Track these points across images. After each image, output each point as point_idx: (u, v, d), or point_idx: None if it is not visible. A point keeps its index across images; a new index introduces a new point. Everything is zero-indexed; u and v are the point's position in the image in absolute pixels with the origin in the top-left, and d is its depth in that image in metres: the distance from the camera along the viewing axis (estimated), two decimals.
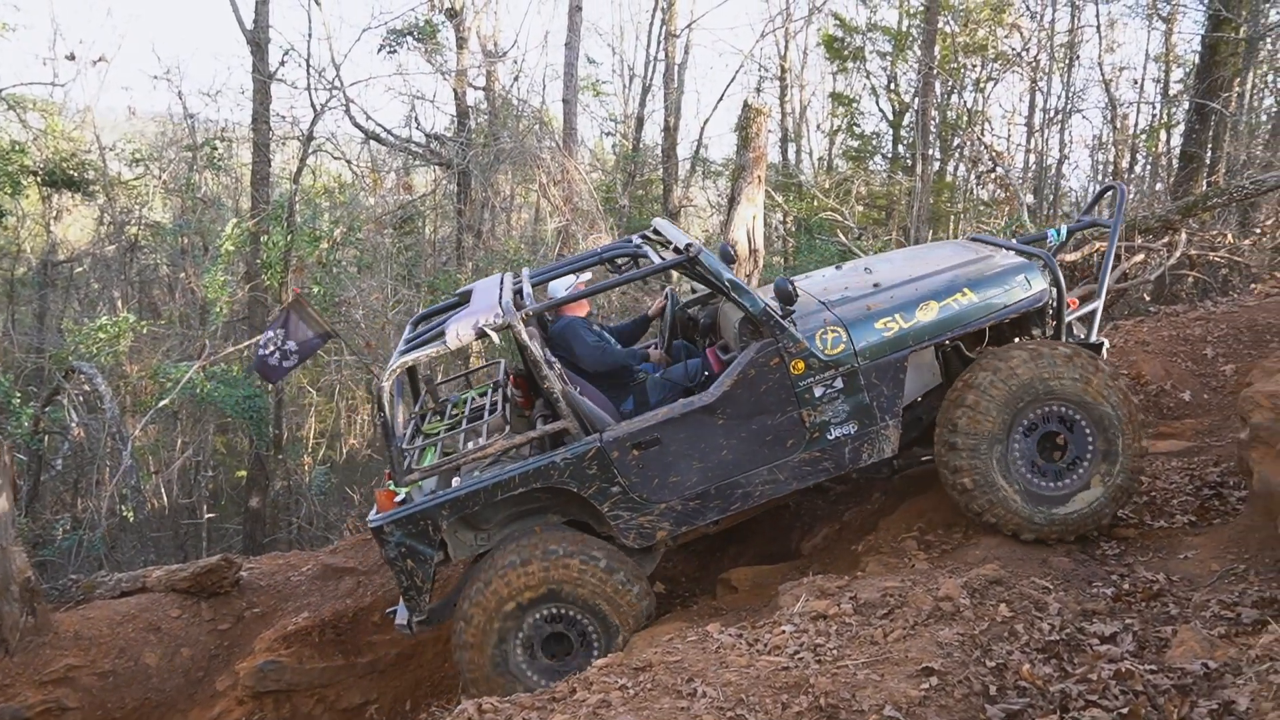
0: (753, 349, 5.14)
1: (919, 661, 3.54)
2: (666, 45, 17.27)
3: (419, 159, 16.04)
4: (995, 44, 17.73)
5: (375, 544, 5.50)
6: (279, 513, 14.41)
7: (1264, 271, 10.35)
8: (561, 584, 5.06)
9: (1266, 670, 2.49)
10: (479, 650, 5.10)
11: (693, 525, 5.28)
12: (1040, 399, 5.05)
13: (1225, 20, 12.67)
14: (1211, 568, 4.68)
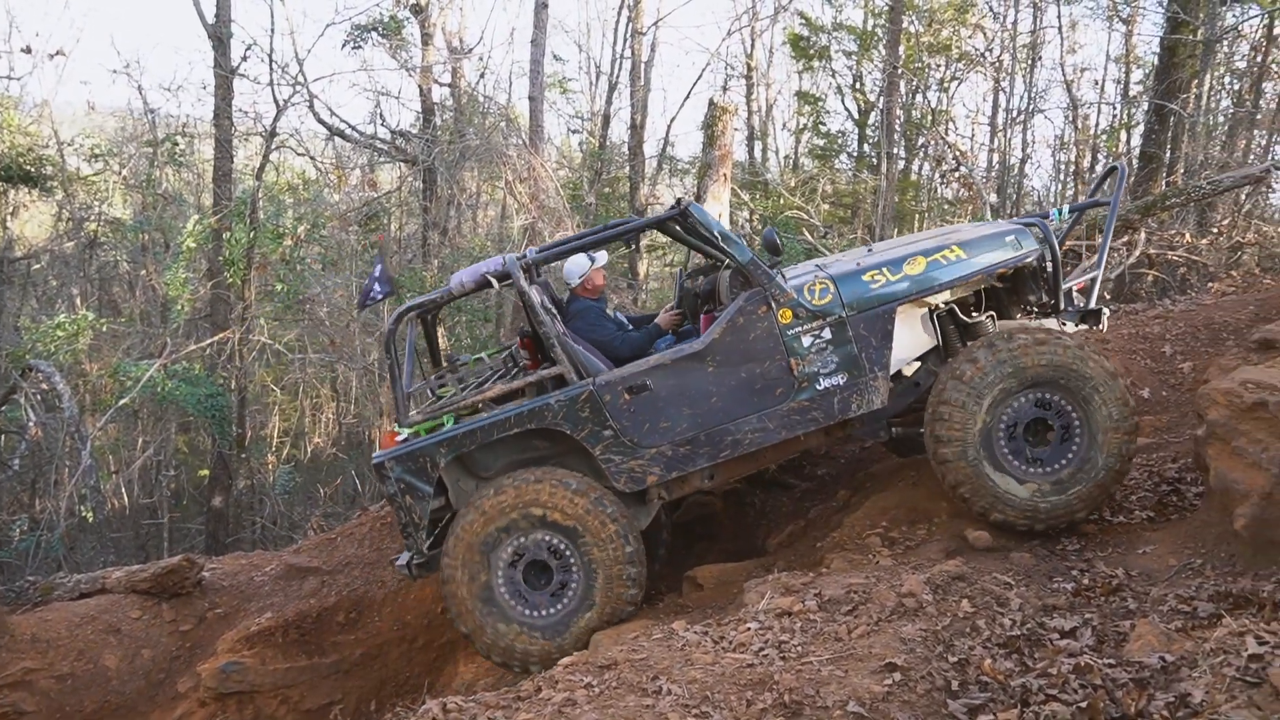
0: (741, 298, 5.28)
1: (882, 657, 3.57)
2: (633, 43, 17.25)
3: (384, 156, 15.94)
4: (959, 44, 17.88)
5: (377, 479, 5.67)
6: (242, 512, 14.26)
7: (1221, 270, 10.52)
8: (530, 508, 5.22)
9: (1220, 663, 2.53)
10: (463, 584, 5.27)
11: (683, 471, 5.37)
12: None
13: (1183, 23, 12.86)
14: (1169, 562, 4.75)
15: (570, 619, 5.29)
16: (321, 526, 10.04)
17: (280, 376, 16.42)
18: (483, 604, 5.29)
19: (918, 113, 18.87)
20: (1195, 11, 12.72)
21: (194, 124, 15.82)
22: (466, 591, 5.27)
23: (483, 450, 5.46)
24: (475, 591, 5.28)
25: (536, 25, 14.07)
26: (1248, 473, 4.56)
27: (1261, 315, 7.34)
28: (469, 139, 14.50)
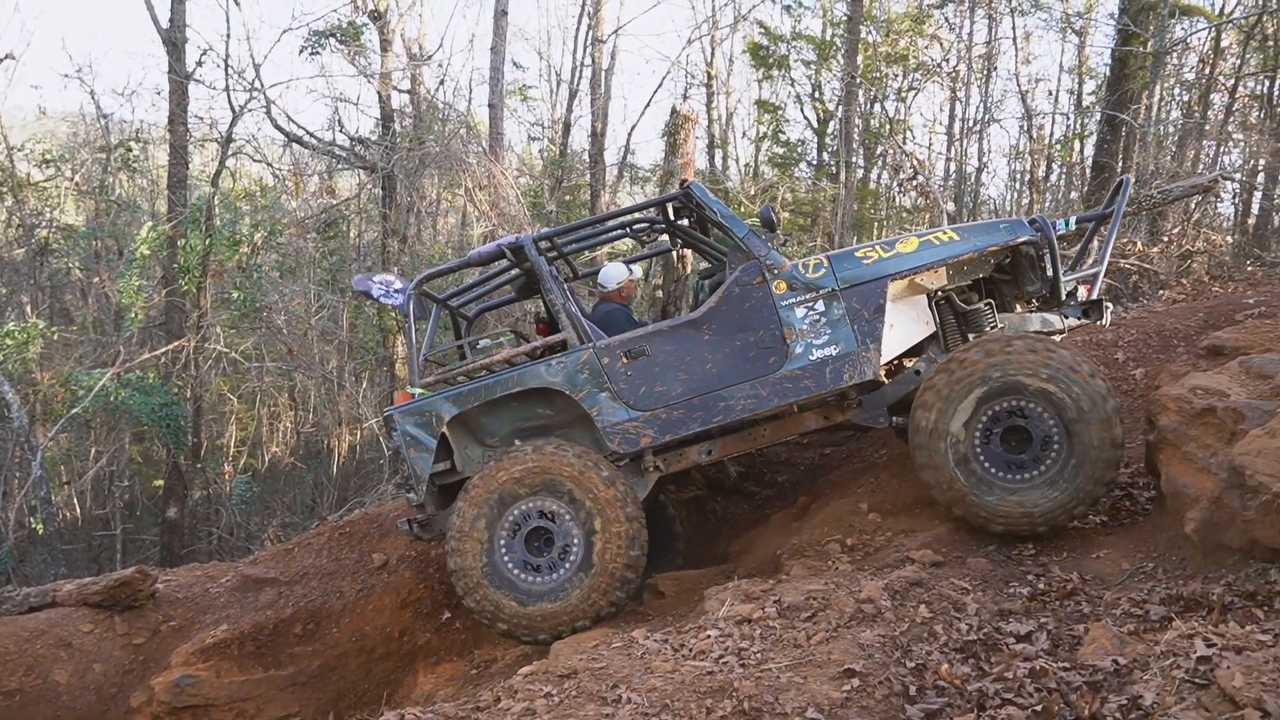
0: (738, 269, 5.51)
1: (841, 663, 3.59)
2: (593, 51, 17.26)
3: (343, 162, 15.80)
4: (916, 54, 18.08)
5: (386, 432, 5.86)
6: (198, 523, 14.06)
7: (1172, 278, 10.71)
8: (535, 474, 5.41)
9: (1170, 665, 2.57)
10: (469, 552, 5.42)
11: (676, 434, 5.54)
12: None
13: (1134, 35, 13.10)
14: (1122, 566, 4.82)
15: (567, 584, 5.40)
16: (279, 537, 9.92)
17: (237, 385, 16.21)
18: (487, 568, 5.43)
19: (876, 122, 19.06)
20: (1145, 24, 12.96)
21: (148, 130, 15.57)
22: (473, 559, 5.43)
23: (488, 414, 5.73)
24: (481, 557, 5.44)
25: (496, 33, 14.05)
26: (1197, 477, 4.64)
27: (1210, 322, 7.47)
28: (429, 146, 14.41)
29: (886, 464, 6.75)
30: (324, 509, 13.22)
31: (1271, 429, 4.03)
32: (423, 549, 7.06)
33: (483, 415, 5.74)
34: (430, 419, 5.60)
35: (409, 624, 6.84)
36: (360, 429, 15.03)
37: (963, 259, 5.63)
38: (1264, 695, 2.15)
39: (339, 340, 14.91)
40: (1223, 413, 4.62)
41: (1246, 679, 2.23)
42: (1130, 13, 13.19)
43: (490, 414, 5.75)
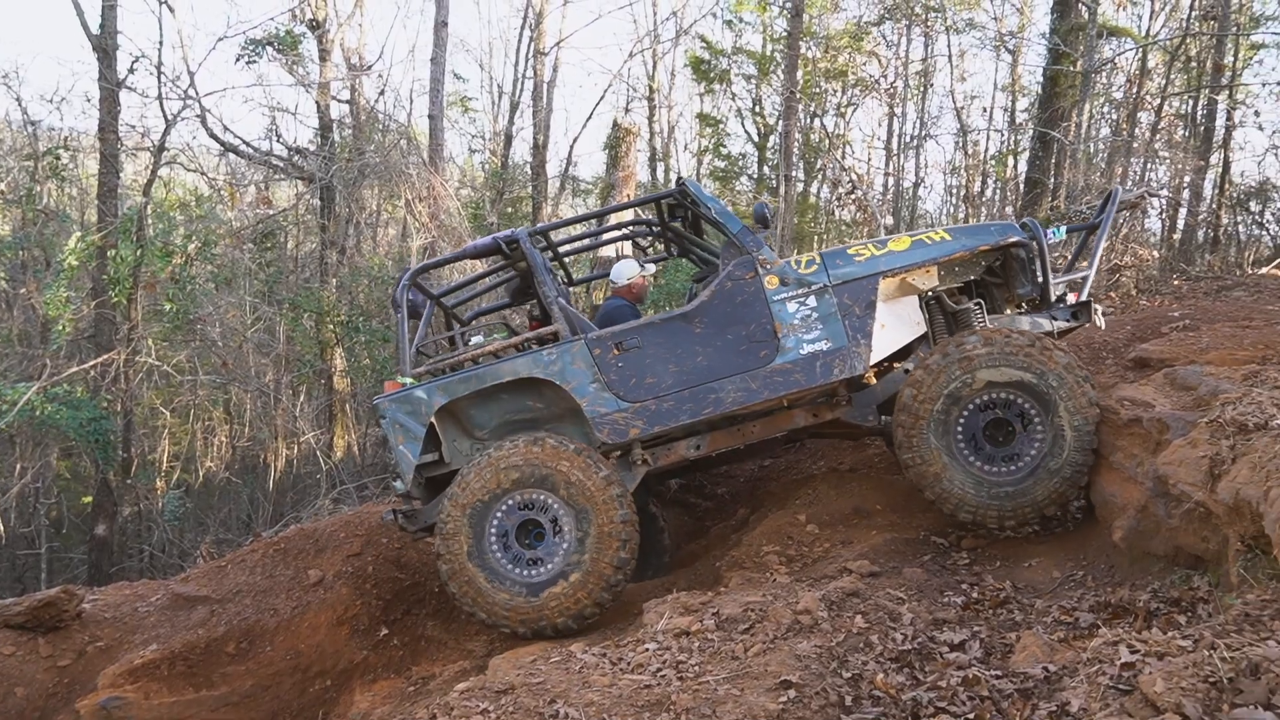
0: (731, 264, 5.56)
1: (778, 675, 3.60)
2: (535, 63, 17.25)
3: (280, 172, 15.59)
4: (855, 71, 18.34)
5: (376, 420, 6.08)
6: (128, 541, 13.72)
7: (1101, 292, 10.96)
8: (521, 466, 5.40)
9: (1096, 672, 2.62)
10: (457, 541, 5.43)
11: (665, 426, 5.56)
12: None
13: (1064, 54, 13.44)
14: (1053, 575, 4.90)
15: (581, 545, 5.40)
16: (212, 553, 9.69)
17: (170, 399, 15.87)
18: (481, 571, 5.42)
19: (816, 136, 19.28)
20: (1075, 44, 13.29)
21: (78, 138, 15.24)
22: (463, 548, 5.43)
23: (477, 406, 5.72)
24: (469, 548, 5.43)
25: (436, 44, 13.98)
26: (1124, 487, 4.76)
27: (1138, 335, 7.66)
28: (368, 157, 14.30)
29: (824, 476, 6.81)
30: (259, 525, 12.98)
31: (1193, 439, 4.13)
32: (359, 564, 6.95)
33: (472, 407, 5.73)
34: (420, 407, 5.59)
35: (345, 641, 6.72)
36: (298, 443, 14.79)
37: (954, 258, 5.75)
38: (1183, 700, 2.20)
39: (276, 353, 14.69)
40: (1148, 423, 4.74)
41: (1167, 684, 2.27)
42: (1061, 33, 13.53)
43: (480, 406, 5.74)
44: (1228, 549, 3.70)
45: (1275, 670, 2.23)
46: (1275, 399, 4.07)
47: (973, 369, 5.23)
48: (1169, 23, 15.96)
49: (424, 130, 15.83)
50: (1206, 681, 2.27)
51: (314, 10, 14.47)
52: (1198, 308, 8.55)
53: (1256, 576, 3.27)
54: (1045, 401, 5.19)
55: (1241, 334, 6.40)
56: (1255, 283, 10.98)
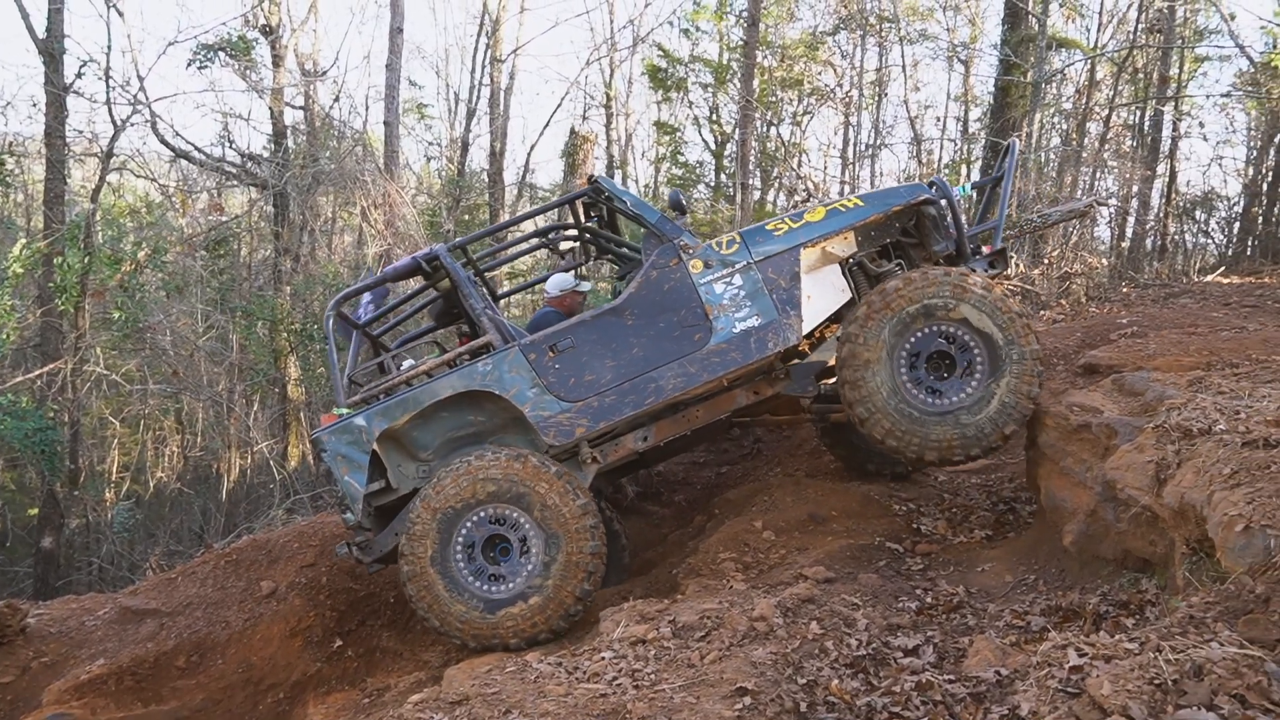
0: (654, 253, 5.59)
1: (733, 682, 3.59)
2: (492, 70, 17.21)
3: (233, 179, 15.42)
4: (810, 80, 18.48)
5: (314, 455, 5.71)
6: (75, 553, 13.46)
7: (1052, 299, 11.13)
8: (499, 480, 5.34)
9: (1045, 675, 2.65)
10: (423, 545, 5.35)
11: (610, 420, 5.54)
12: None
13: (1015, 65, 13.64)
14: (1005, 579, 4.96)
15: (546, 569, 5.34)
16: (162, 566, 9.53)
17: (119, 408, 15.61)
18: (441, 578, 5.35)
19: (772, 145, 19.39)
20: (1025, 56, 13.49)
21: (23, 142, 14.94)
22: (429, 566, 5.35)
23: (418, 428, 5.64)
24: (435, 563, 5.36)
25: (392, 50, 13.89)
26: (1074, 491, 4.82)
27: (1087, 341, 7.76)
28: (323, 163, 14.18)
29: (781, 483, 6.83)
30: (212, 536, 12.79)
31: (1140, 444, 4.20)
32: (313, 575, 6.88)
33: (414, 429, 5.64)
34: (360, 435, 5.50)
35: (299, 653, 6.64)
36: (251, 452, 14.60)
37: (869, 222, 5.81)
38: (1129, 702, 2.23)
39: (229, 362, 14.50)
40: (1097, 429, 4.81)
41: (1114, 687, 2.31)
42: (1011, 44, 13.73)
43: (421, 426, 5.66)
44: (1174, 552, 3.76)
45: (1218, 671, 2.26)
46: (1219, 404, 4.15)
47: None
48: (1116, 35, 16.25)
49: (379, 137, 15.71)
50: (1152, 683, 2.30)
51: (267, 16, 14.34)
52: (1146, 315, 8.68)
53: (1201, 579, 3.32)
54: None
55: (1187, 340, 6.51)
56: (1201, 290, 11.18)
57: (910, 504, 6.46)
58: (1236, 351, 5.89)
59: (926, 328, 5.41)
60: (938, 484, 6.88)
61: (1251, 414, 3.80)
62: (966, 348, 5.42)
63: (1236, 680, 2.24)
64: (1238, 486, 3.22)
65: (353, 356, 6.21)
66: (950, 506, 6.32)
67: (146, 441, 16.85)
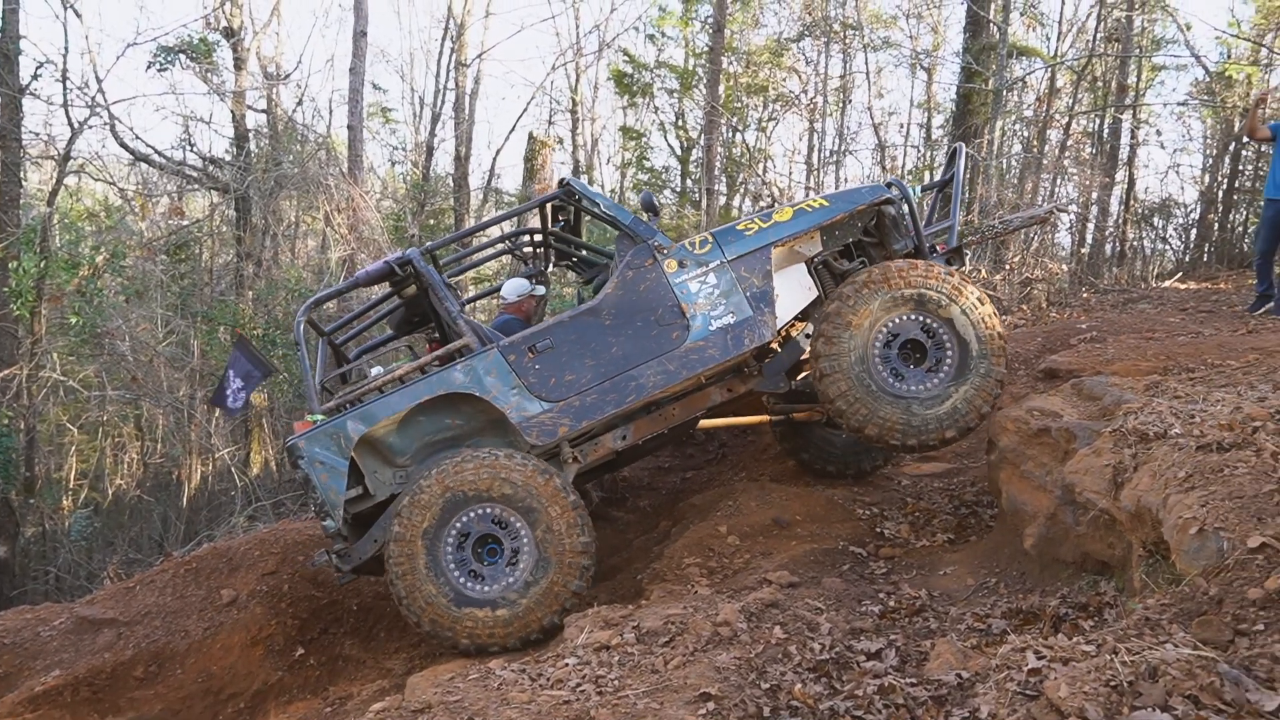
0: (629, 253, 5.66)
1: (697, 687, 3.59)
2: (457, 75, 17.16)
3: (194, 183, 15.25)
4: (775, 86, 18.58)
5: (290, 464, 5.70)
6: (31, 563, 13.22)
7: (1013, 304, 11.26)
8: (517, 486, 5.31)
9: (1004, 678, 2.67)
10: (423, 515, 5.29)
11: (591, 419, 5.57)
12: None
13: (976, 73, 13.79)
14: (967, 582, 4.99)
15: (525, 589, 5.30)
16: (120, 574, 9.39)
17: (77, 415, 15.38)
18: (426, 554, 5.29)
19: (738, 151, 19.47)
20: (987, 63, 13.64)
21: None
22: (420, 564, 5.29)
23: (395, 433, 5.60)
24: (425, 563, 5.29)
25: (355, 53, 13.81)
26: (1034, 495, 4.86)
27: (1048, 346, 7.86)
28: (285, 167, 14.05)
29: (746, 487, 6.84)
30: (171, 544, 12.63)
31: (1098, 448, 4.25)
32: (275, 583, 6.80)
33: (390, 435, 5.61)
34: (339, 440, 5.46)
35: (260, 662, 6.56)
36: (212, 459, 14.44)
37: (834, 221, 5.92)
38: (1085, 704, 2.25)
39: (190, 367, 14.32)
40: (1056, 433, 4.86)
41: (1071, 689, 2.33)
42: (973, 52, 13.88)
43: (398, 432, 5.63)
44: (1131, 555, 3.80)
45: (1172, 673, 2.29)
46: (1174, 408, 4.21)
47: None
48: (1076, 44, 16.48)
49: (343, 141, 15.61)
50: (1108, 685, 2.33)
51: (228, 18, 14.20)
52: (1105, 320, 8.80)
53: (1157, 581, 3.37)
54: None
55: (1145, 345, 6.61)
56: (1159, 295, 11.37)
57: (874, 508, 6.50)
58: (1192, 356, 5.99)
59: (914, 314, 5.58)
60: (901, 488, 6.92)
61: (1206, 418, 3.86)
62: (941, 346, 5.58)
63: (1190, 681, 2.27)
64: (1192, 490, 3.27)
65: (321, 363, 6.15)
66: (913, 510, 6.36)
67: (105, 448, 16.62)
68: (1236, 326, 7.46)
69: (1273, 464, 3.15)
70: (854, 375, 5.50)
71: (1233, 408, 3.91)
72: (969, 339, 5.54)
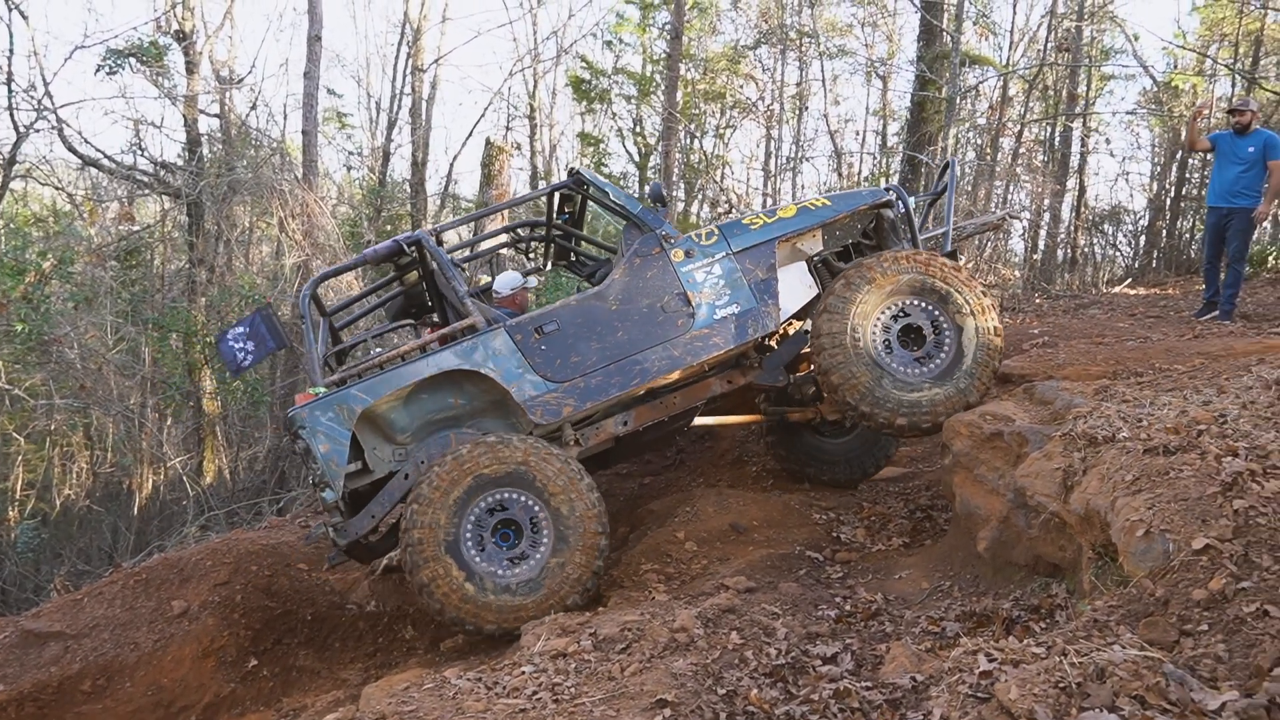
0: (636, 241, 5.81)
1: (654, 694, 3.59)
2: (413, 80, 17.06)
3: (145, 188, 15.01)
4: (733, 93, 18.67)
5: (289, 436, 5.69)
6: None
7: None
8: (552, 479, 5.36)
9: (956, 681, 2.69)
10: (464, 472, 5.29)
11: (596, 401, 5.67)
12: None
13: (930, 81, 13.94)
14: (922, 586, 5.03)
15: (547, 571, 5.33)
16: (67, 586, 9.20)
17: (24, 424, 15.04)
18: (450, 556, 5.26)
19: (695, 157, 19.53)
20: (940, 72, 13.81)
21: None
22: (439, 536, 5.26)
23: (397, 410, 5.64)
24: (444, 540, 5.27)
25: (310, 58, 13.67)
26: (988, 499, 4.91)
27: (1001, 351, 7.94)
28: (239, 172, 13.87)
29: (704, 493, 6.86)
30: (121, 555, 12.41)
31: (1048, 452, 4.31)
32: (227, 594, 6.69)
33: (392, 410, 5.64)
34: (343, 412, 5.48)
35: (212, 674, 6.46)
36: (164, 468, 14.20)
37: (836, 220, 6.13)
38: (1035, 706, 2.27)
39: (140, 375, 14.09)
40: (1009, 437, 4.91)
41: (1021, 691, 2.35)
42: (926, 60, 14.04)
43: (399, 408, 5.66)
44: (1081, 557, 3.86)
45: (1119, 673, 2.32)
46: (1122, 412, 4.28)
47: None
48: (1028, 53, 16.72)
49: (298, 146, 15.45)
50: (1057, 687, 2.36)
51: (180, 21, 14.01)
52: (1057, 325, 8.93)
53: (1106, 583, 3.41)
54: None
55: (1095, 350, 6.71)
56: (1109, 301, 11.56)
57: (830, 513, 6.54)
58: (1141, 361, 6.09)
59: (930, 306, 5.76)
60: (857, 493, 6.97)
61: (1152, 421, 3.92)
62: (941, 346, 5.74)
63: (1137, 682, 2.30)
64: (1139, 492, 3.32)
65: (322, 339, 6.18)
66: (869, 515, 6.41)
67: (53, 458, 16.26)
68: (1183, 331, 7.60)
69: (1216, 466, 3.20)
70: (847, 337, 5.62)
71: (1178, 411, 3.98)
72: (968, 353, 5.69)
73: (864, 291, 5.67)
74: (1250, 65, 15.31)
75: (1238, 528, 2.84)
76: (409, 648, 6.62)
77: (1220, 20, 15.38)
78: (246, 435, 15.24)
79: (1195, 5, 16.22)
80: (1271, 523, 2.81)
